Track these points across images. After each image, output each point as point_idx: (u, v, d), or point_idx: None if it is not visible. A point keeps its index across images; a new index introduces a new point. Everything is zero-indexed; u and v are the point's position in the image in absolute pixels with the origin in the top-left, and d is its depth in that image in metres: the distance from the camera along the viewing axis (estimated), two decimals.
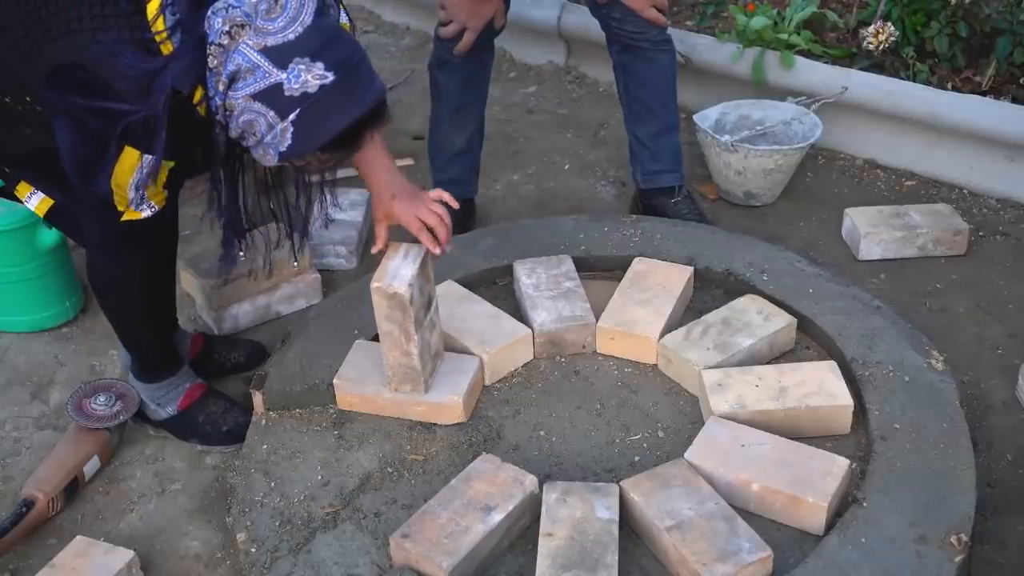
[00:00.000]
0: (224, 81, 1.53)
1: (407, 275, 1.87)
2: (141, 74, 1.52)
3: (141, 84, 1.52)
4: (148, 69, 1.52)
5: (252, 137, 1.57)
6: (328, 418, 2.06)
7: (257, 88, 1.52)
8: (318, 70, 1.52)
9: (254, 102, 1.53)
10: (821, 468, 1.77)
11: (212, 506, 2.02)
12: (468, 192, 2.76)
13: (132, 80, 1.52)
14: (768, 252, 2.38)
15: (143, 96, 1.52)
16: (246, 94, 1.52)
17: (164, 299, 2.10)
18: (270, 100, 1.52)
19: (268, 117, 1.53)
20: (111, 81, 1.54)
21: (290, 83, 1.51)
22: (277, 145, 1.56)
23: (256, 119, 1.54)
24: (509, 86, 3.62)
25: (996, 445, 2.04)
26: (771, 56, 3.05)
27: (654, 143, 2.68)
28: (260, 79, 1.51)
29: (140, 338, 2.10)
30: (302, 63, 1.51)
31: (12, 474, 2.11)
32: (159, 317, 2.11)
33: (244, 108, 1.54)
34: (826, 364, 2.01)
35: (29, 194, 1.87)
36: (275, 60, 1.51)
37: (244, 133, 1.57)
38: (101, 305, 2.07)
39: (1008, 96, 2.93)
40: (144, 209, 1.75)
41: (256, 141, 1.57)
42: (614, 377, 2.14)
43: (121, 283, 1.98)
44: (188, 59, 1.53)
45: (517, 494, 1.78)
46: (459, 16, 2.44)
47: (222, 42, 1.52)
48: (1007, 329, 2.35)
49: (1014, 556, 1.82)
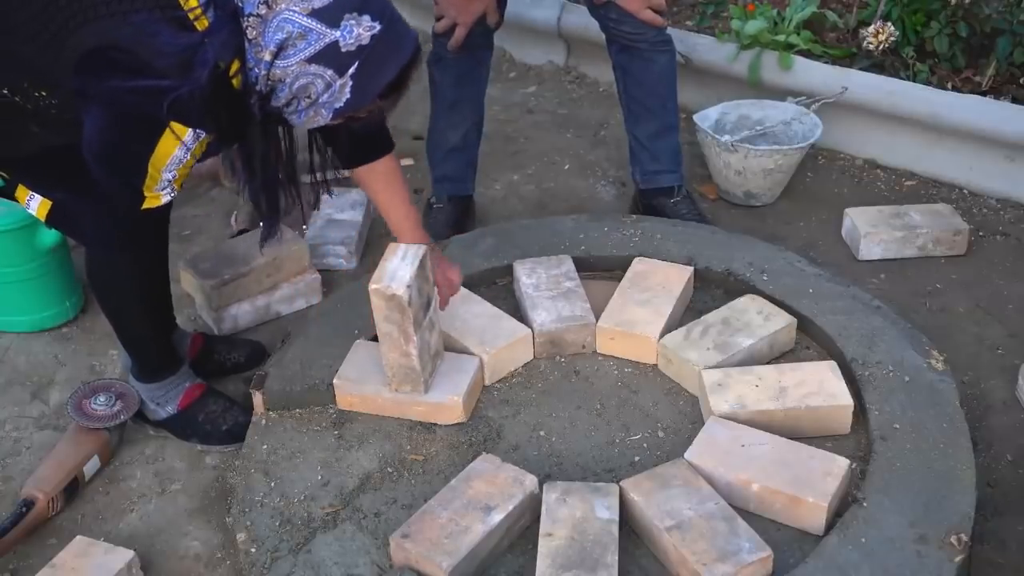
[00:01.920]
0: (271, 51, 1.54)
1: (405, 276, 1.87)
2: (180, 50, 1.53)
3: (181, 60, 1.53)
4: (187, 44, 1.54)
5: (305, 100, 1.59)
6: (328, 418, 2.06)
7: (313, 51, 1.54)
8: (367, 22, 1.55)
9: (309, 65, 1.55)
10: (821, 468, 1.77)
11: (212, 506, 2.02)
12: (465, 189, 2.77)
13: (172, 56, 1.53)
14: (768, 252, 2.38)
15: (184, 72, 1.53)
16: (300, 59, 1.55)
17: (162, 296, 2.11)
18: (328, 60, 1.55)
19: (326, 77, 1.56)
20: (150, 60, 1.54)
21: (345, 39, 1.54)
22: (333, 103, 1.59)
23: (312, 81, 1.57)
24: (509, 86, 3.62)
25: (996, 445, 2.04)
26: (770, 56, 3.05)
27: (653, 143, 2.68)
28: (314, 41, 1.54)
29: (140, 336, 2.10)
30: (352, 18, 1.55)
31: (12, 474, 2.11)
32: (157, 314, 2.11)
33: (298, 73, 1.56)
34: (826, 364, 2.01)
35: (28, 198, 1.87)
36: (326, 20, 1.54)
37: (295, 98, 1.59)
38: (101, 304, 2.07)
39: (1008, 96, 2.93)
40: (166, 194, 1.77)
41: (309, 103, 1.59)
42: (614, 377, 2.14)
43: (121, 280, 1.99)
44: (226, 32, 1.54)
45: (517, 494, 1.78)
46: (449, 12, 2.45)
47: (260, 12, 1.54)
48: (1007, 329, 2.35)
49: (1014, 556, 1.82)
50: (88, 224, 1.89)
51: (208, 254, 2.53)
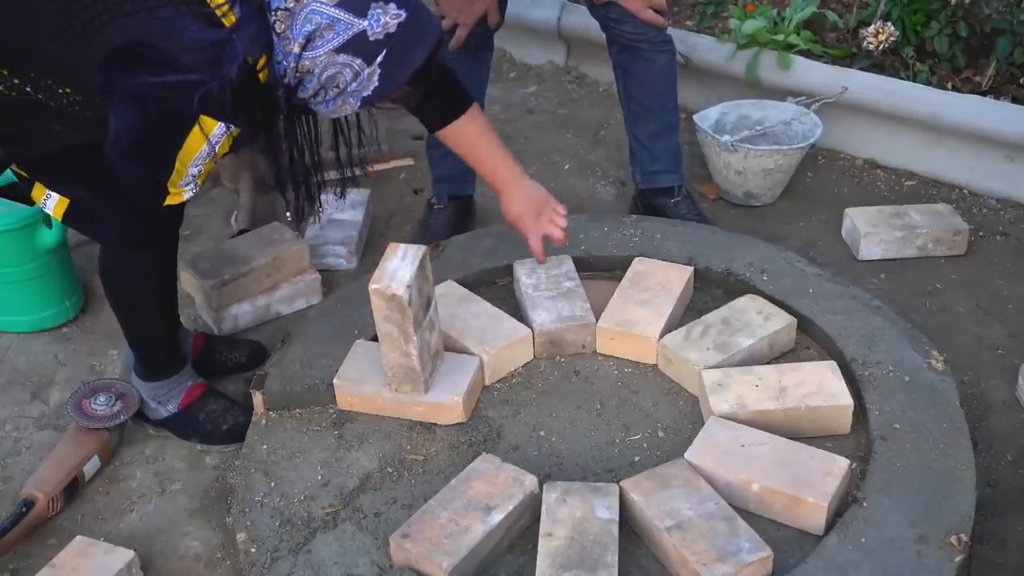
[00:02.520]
0: (299, 42, 1.56)
1: (405, 276, 1.87)
2: (209, 45, 1.54)
3: (210, 55, 1.54)
4: (215, 40, 1.55)
5: (333, 90, 1.60)
6: (328, 418, 2.06)
7: (341, 40, 1.56)
8: (393, 10, 1.58)
9: (338, 55, 1.57)
10: (821, 468, 1.77)
11: (212, 506, 2.02)
12: (465, 190, 2.77)
13: (200, 52, 1.54)
14: (768, 252, 2.38)
15: (213, 67, 1.53)
16: (328, 49, 1.56)
17: (173, 294, 2.13)
18: (356, 49, 1.57)
19: (355, 66, 1.58)
20: (178, 55, 1.55)
21: (372, 28, 1.57)
22: (361, 91, 1.62)
23: (341, 71, 1.58)
24: (509, 86, 3.62)
25: (996, 445, 2.04)
26: (770, 56, 3.05)
27: (653, 143, 2.68)
28: (342, 31, 1.56)
29: (151, 334, 2.10)
30: (378, 7, 1.57)
31: (12, 474, 2.11)
32: (170, 312, 2.12)
33: (327, 64, 1.57)
34: (826, 364, 2.01)
35: (45, 197, 1.88)
36: (354, 10, 1.56)
37: (323, 88, 1.60)
38: (113, 302, 2.07)
39: (1008, 96, 2.93)
40: (188, 190, 1.78)
41: (337, 92, 1.61)
42: (614, 377, 2.14)
43: (137, 279, 2.01)
44: (253, 27, 1.55)
45: (517, 494, 1.78)
46: (450, 12, 2.45)
47: (288, 6, 1.56)
48: (1007, 329, 2.35)
49: (1014, 556, 1.82)
50: (106, 222, 1.90)
51: (208, 254, 2.53)
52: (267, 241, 2.53)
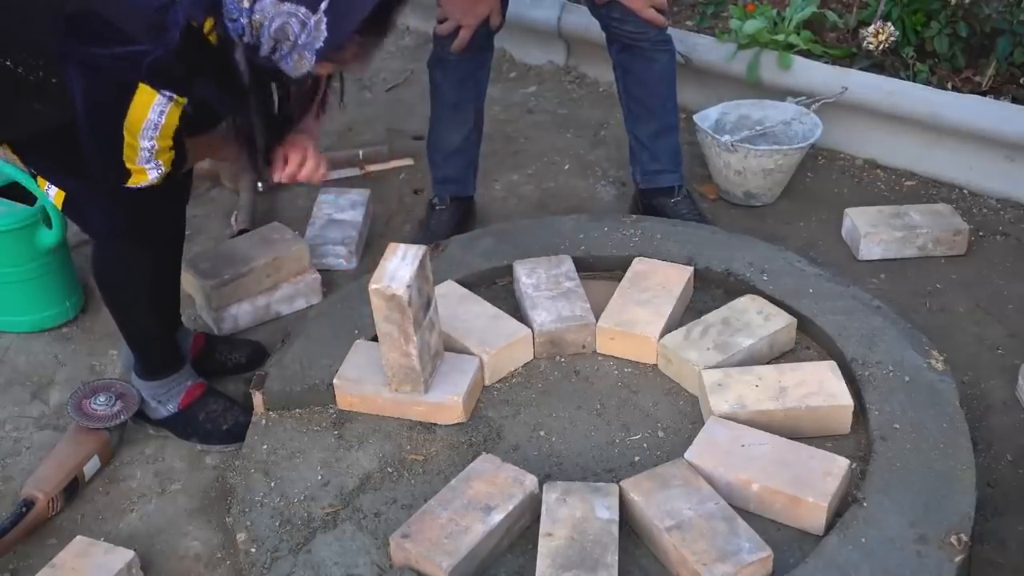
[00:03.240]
0: None
1: (405, 276, 1.87)
2: (152, 12, 1.55)
3: (153, 22, 1.54)
4: (157, 6, 1.55)
5: (286, 44, 1.60)
6: (328, 418, 2.06)
7: None
8: None
9: (282, 3, 1.56)
10: (821, 468, 1.77)
11: (212, 506, 2.02)
12: (466, 190, 2.77)
13: (143, 19, 1.54)
14: (768, 252, 2.38)
15: (157, 34, 1.54)
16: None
17: (169, 294, 2.12)
18: None
19: (300, 15, 1.57)
20: (122, 25, 1.56)
21: None
22: (313, 43, 1.60)
23: (288, 21, 1.57)
24: (509, 86, 3.62)
25: (996, 445, 2.04)
26: (770, 56, 3.05)
27: (653, 143, 2.68)
28: None
29: (145, 332, 2.10)
30: None
31: (12, 474, 2.11)
32: (164, 311, 2.12)
33: (274, 14, 1.57)
34: (826, 364, 2.01)
35: (47, 187, 1.89)
36: None
37: (277, 43, 1.60)
38: (106, 299, 2.07)
39: (1008, 96, 2.93)
40: (152, 170, 1.74)
41: (290, 47, 1.60)
42: (614, 377, 2.14)
43: (125, 275, 1.99)
44: None
45: (517, 494, 1.78)
46: (454, 13, 2.44)
47: None
48: (1007, 329, 2.35)
49: (1014, 556, 1.82)
50: (94, 214, 1.90)
51: (208, 254, 2.53)
52: (267, 241, 2.53)
